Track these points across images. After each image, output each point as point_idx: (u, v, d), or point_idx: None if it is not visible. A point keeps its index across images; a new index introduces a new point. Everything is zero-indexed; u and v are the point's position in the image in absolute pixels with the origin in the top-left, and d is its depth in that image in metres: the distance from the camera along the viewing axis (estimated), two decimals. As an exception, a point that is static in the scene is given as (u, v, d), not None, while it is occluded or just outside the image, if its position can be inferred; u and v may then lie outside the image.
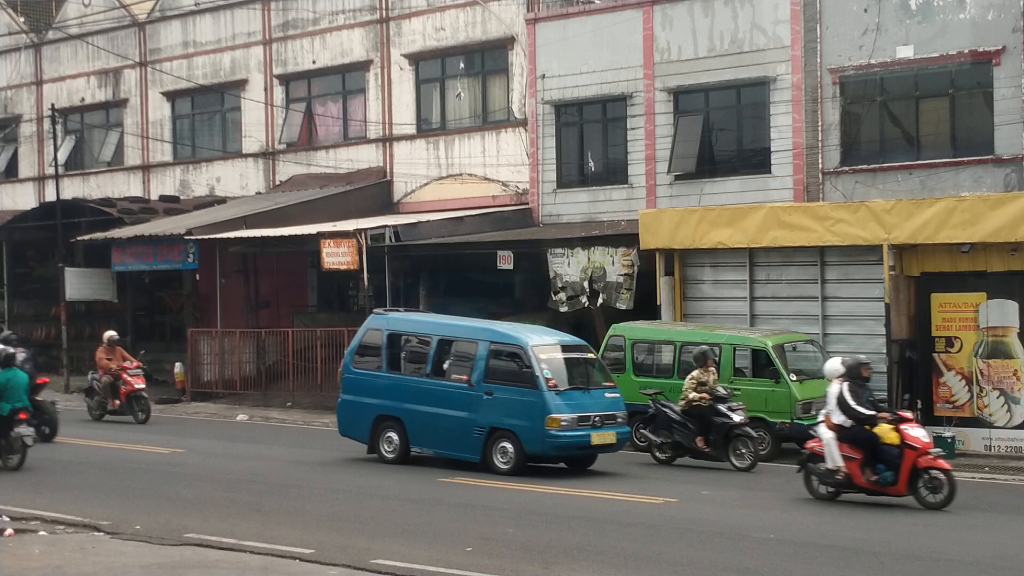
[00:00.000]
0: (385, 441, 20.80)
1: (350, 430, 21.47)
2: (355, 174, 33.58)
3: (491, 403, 19.59)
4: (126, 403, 26.98)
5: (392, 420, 20.72)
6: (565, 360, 19.82)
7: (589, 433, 19.37)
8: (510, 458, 19.35)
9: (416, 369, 20.84)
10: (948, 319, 22.42)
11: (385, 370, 20.97)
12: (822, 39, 25.93)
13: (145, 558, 13.49)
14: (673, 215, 25.26)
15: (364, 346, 21.44)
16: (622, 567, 13.15)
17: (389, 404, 20.71)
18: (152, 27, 38.59)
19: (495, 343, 19.91)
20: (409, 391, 20.56)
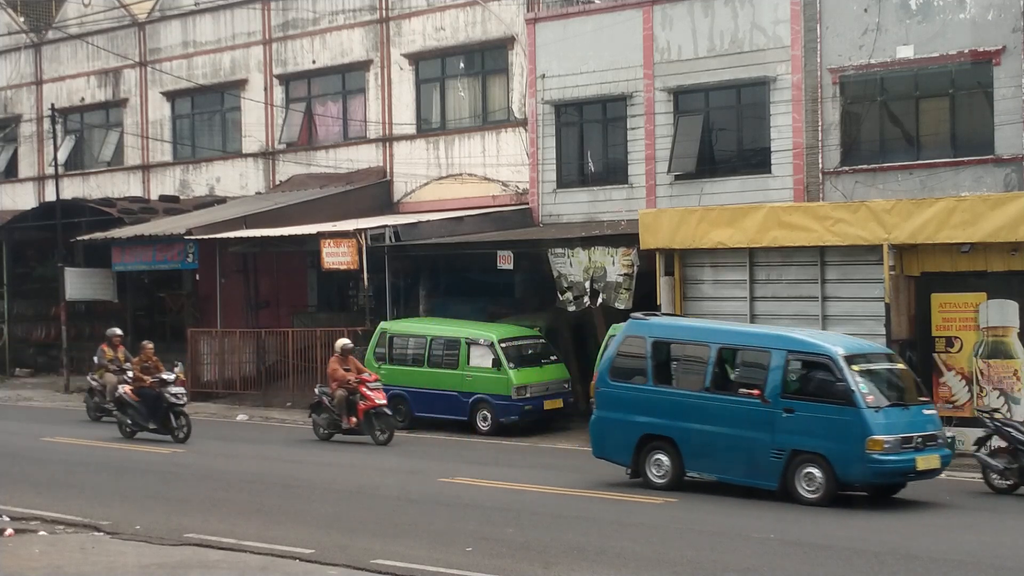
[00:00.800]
0: (653, 464, 18.34)
1: (608, 451, 19.00)
2: (355, 174, 33.58)
3: (792, 422, 17.14)
4: (365, 421, 23.43)
5: (662, 440, 18.27)
6: (876, 371, 17.62)
7: (913, 457, 16.92)
8: (818, 486, 16.93)
9: (691, 382, 18.37)
10: (948, 319, 22.40)
11: (652, 383, 18.51)
12: (822, 39, 25.92)
13: (145, 558, 13.50)
14: (673, 215, 25.25)
15: (623, 356, 18.97)
16: (622, 567, 13.16)
17: (658, 422, 18.27)
18: (152, 27, 38.59)
19: (794, 352, 17.56)
20: (683, 407, 18.15)
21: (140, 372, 24.37)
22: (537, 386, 25.35)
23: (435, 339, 26.31)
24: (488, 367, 25.28)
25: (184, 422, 23.61)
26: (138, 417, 23.93)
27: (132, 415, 24.11)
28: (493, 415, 25.15)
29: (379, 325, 27.31)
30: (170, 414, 23.56)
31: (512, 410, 25.00)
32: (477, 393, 25.38)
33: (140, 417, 23.91)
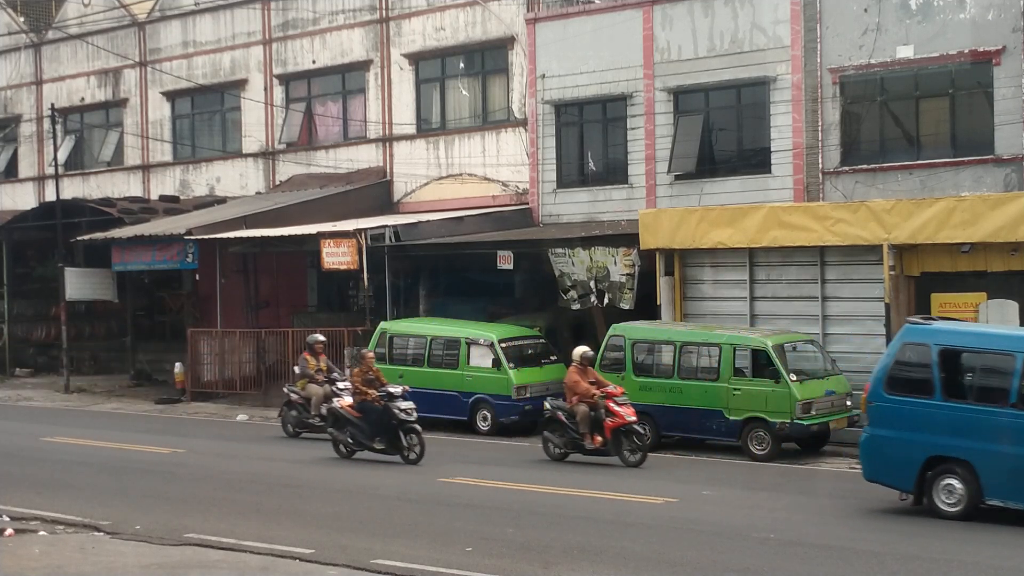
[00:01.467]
0: (942, 490, 16.21)
1: (883, 474, 16.90)
2: (355, 174, 33.58)
3: None
4: (612, 440, 20.85)
5: (954, 463, 16.22)
6: None
7: None
8: None
9: (992, 396, 16.17)
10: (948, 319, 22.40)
11: (940, 398, 16.35)
12: (822, 39, 25.93)
13: (145, 558, 13.50)
14: (673, 215, 25.26)
15: (902, 365, 16.80)
16: (622, 567, 13.16)
17: (950, 442, 16.20)
18: (152, 27, 38.59)
19: None
20: (983, 426, 16.03)
21: (362, 384, 21.39)
22: (537, 386, 25.33)
23: (435, 339, 26.30)
24: (488, 367, 25.28)
25: (416, 441, 20.84)
26: (360, 435, 21.26)
27: (353, 433, 21.37)
28: (493, 415, 25.14)
29: (379, 325, 27.30)
30: (399, 432, 20.87)
31: (512, 410, 24.99)
32: (477, 393, 25.37)
33: (363, 435, 21.24)
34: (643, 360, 23.45)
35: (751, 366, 22.23)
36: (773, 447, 21.77)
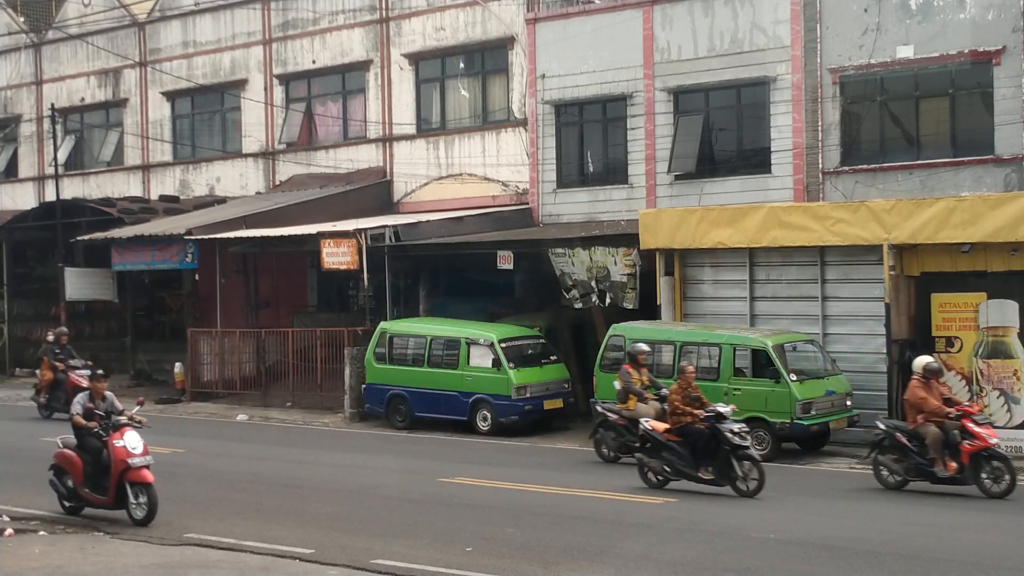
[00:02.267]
0: None
1: None
2: (355, 174, 33.58)
3: None
4: (970, 466, 17.92)
5: None
6: None
7: None
8: None
9: None
10: (948, 319, 22.42)
11: None
12: (822, 39, 25.92)
13: (145, 558, 13.50)
14: (673, 215, 25.26)
15: None
16: (622, 567, 13.16)
17: None
18: (152, 27, 38.59)
19: None
20: None
21: (682, 403, 18.46)
22: (537, 386, 25.35)
23: (435, 339, 26.31)
24: (488, 367, 25.28)
25: (752, 469, 17.77)
26: (680, 463, 18.16)
27: (670, 460, 18.28)
28: (493, 415, 25.14)
29: (379, 325, 27.31)
30: (731, 459, 17.80)
31: (512, 410, 25.00)
32: (477, 393, 25.37)
33: (683, 463, 18.14)
34: (643, 360, 23.42)
35: (751, 366, 22.23)
36: (773, 447, 21.77)
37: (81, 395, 16.69)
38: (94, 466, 15.91)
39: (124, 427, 15.92)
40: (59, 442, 16.46)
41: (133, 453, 15.63)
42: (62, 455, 16.20)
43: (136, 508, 15.66)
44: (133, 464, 15.56)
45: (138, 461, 15.62)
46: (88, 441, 16.09)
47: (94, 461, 15.91)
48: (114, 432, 15.85)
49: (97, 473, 15.85)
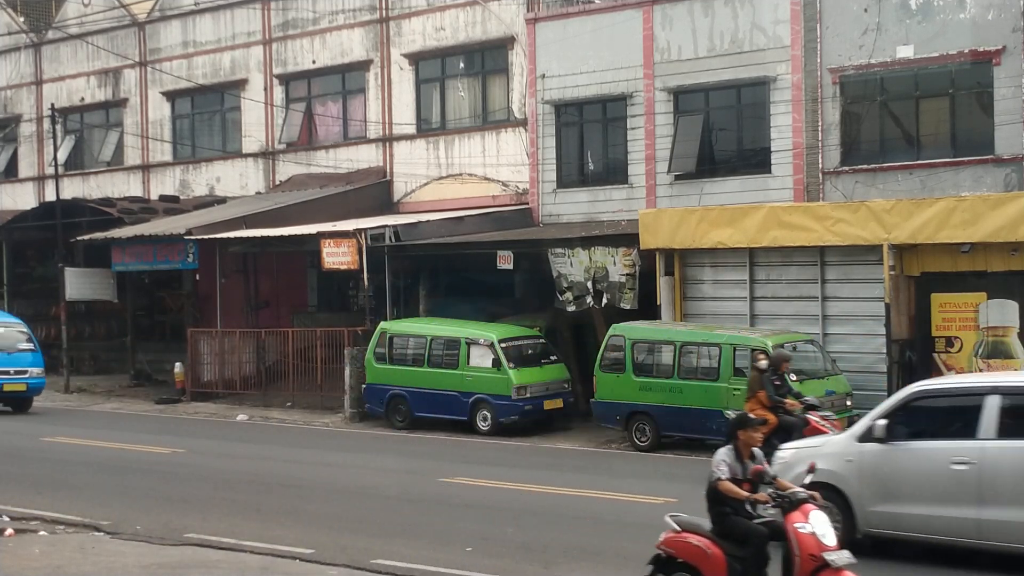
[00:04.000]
0: None
1: None
2: (355, 174, 33.58)
3: None
4: None
5: None
6: None
7: None
8: None
9: None
10: (948, 319, 22.42)
11: None
12: (822, 39, 25.92)
13: (145, 558, 13.50)
14: (673, 215, 25.26)
15: None
16: (622, 567, 13.16)
17: None
18: (152, 27, 38.59)
19: None
20: None
21: None
22: (537, 386, 25.34)
23: (435, 339, 26.31)
24: (488, 367, 25.27)
25: None
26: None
27: None
28: (493, 415, 25.14)
29: (379, 325, 27.31)
30: None
31: (512, 410, 24.99)
32: (477, 393, 25.37)
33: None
34: (643, 360, 23.45)
35: (751, 366, 22.21)
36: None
37: (722, 451, 11.36)
38: (748, 563, 10.77)
39: (805, 504, 10.79)
40: (671, 522, 11.27)
41: (826, 546, 10.54)
42: (685, 544, 10.99)
43: None
44: (832, 563, 10.48)
45: (838, 559, 10.52)
46: (736, 523, 10.97)
47: (751, 557, 10.79)
48: (792, 510, 10.75)
49: None
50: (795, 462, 13.75)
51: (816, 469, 11.78)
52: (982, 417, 12.88)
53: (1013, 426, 12.74)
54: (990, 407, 12.90)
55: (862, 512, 13.52)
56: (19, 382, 29.10)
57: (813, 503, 10.74)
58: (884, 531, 13.51)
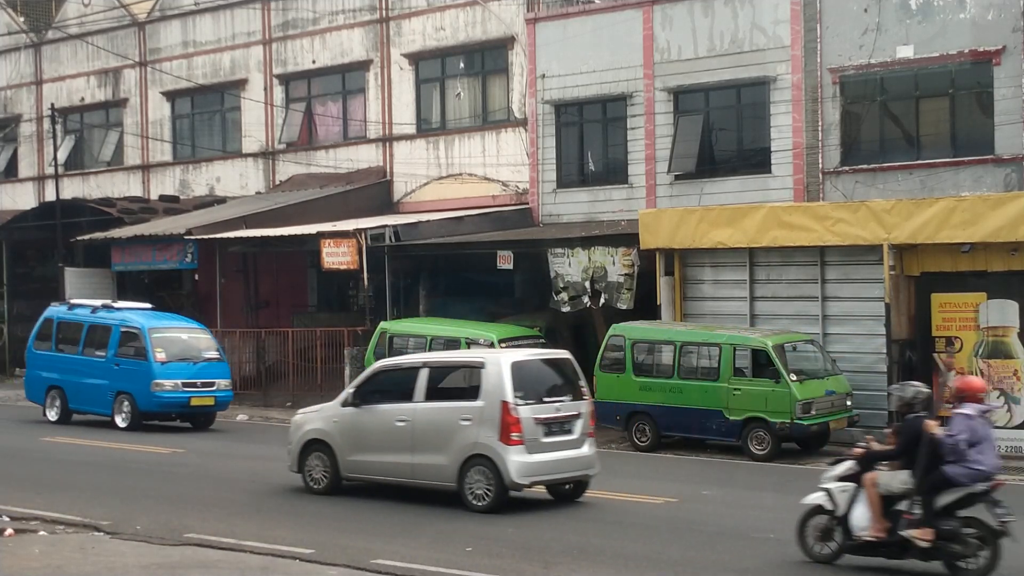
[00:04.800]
0: None
1: None
2: (355, 174, 33.58)
3: None
4: None
5: None
6: None
7: None
8: None
9: None
10: (948, 319, 22.42)
11: None
12: (822, 39, 25.92)
13: (145, 558, 13.49)
14: (673, 215, 25.26)
15: None
16: (622, 567, 13.15)
17: None
18: (152, 27, 38.60)
19: None
20: None
21: None
22: (537, 386, 25.29)
23: (435, 339, 26.26)
24: (488, 367, 25.22)
25: None
26: None
27: None
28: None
29: (379, 325, 27.29)
30: None
31: (512, 410, 24.94)
32: None
33: None
34: (643, 360, 23.45)
35: (751, 366, 22.23)
36: (773, 447, 21.78)
37: None
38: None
39: None
40: None
41: None
42: None
43: None
44: None
45: None
46: None
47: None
48: None
49: None
50: (303, 423, 17.97)
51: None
52: (416, 386, 16.94)
53: (435, 392, 16.93)
54: (421, 378, 16.98)
55: (343, 461, 17.38)
56: (207, 395, 26.25)
57: None
58: (357, 475, 17.47)
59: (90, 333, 26.92)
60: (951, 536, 12.58)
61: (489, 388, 16.29)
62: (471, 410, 16.38)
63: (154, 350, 25.85)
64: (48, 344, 27.74)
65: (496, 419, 16.12)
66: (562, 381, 17.17)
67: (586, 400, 17.19)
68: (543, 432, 16.42)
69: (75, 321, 27.38)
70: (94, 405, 26.52)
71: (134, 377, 25.85)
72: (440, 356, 19.56)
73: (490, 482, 16.17)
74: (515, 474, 16.08)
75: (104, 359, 26.38)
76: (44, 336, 28.05)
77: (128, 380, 25.92)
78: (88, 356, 26.71)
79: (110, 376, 26.20)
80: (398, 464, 16.90)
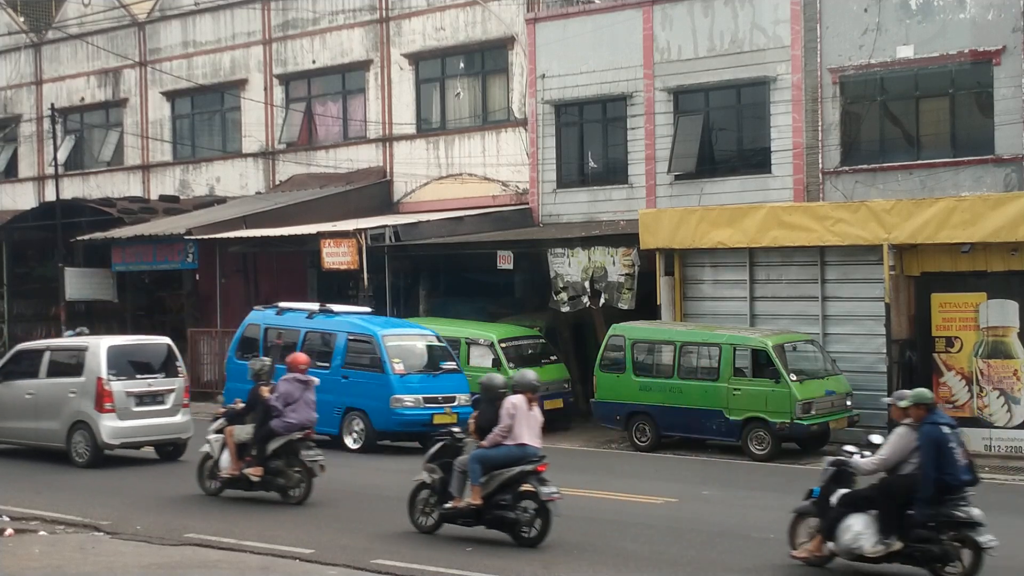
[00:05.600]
0: None
1: None
2: (355, 174, 33.57)
3: None
4: None
5: None
6: None
7: None
8: None
9: None
10: (948, 319, 22.42)
11: None
12: (822, 39, 25.92)
13: (145, 558, 13.49)
14: (673, 215, 25.26)
15: None
16: (622, 567, 13.16)
17: None
18: (152, 27, 38.58)
19: None
20: None
21: None
22: (537, 386, 25.28)
23: (435, 339, 26.23)
24: (488, 367, 25.25)
25: None
26: None
27: None
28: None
29: (379, 325, 27.26)
30: None
31: (512, 410, 24.89)
32: (477, 393, 25.28)
33: None
34: (643, 360, 23.47)
35: (751, 366, 22.24)
36: (773, 447, 21.79)
37: None
38: None
39: None
40: None
41: None
42: None
43: None
44: None
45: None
46: None
47: None
48: None
49: None
50: None
51: None
52: (40, 365, 20.99)
53: (54, 370, 20.81)
54: (45, 359, 21.05)
55: None
56: (449, 412, 22.56)
57: None
58: (3, 439, 21.56)
59: (308, 341, 23.36)
60: (277, 472, 16.89)
61: (90, 367, 20.22)
62: (76, 385, 20.36)
63: (391, 360, 22.59)
64: (254, 354, 23.31)
65: (93, 392, 20.06)
66: (159, 362, 20.89)
67: (181, 377, 20.93)
68: (135, 403, 20.30)
69: (289, 328, 24.02)
70: (320, 423, 20.41)
71: (368, 392, 22.51)
72: (59, 341, 23.31)
73: (88, 443, 20.18)
74: (107, 436, 20.11)
75: (327, 371, 22.52)
76: (247, 345, 24.53)
77: (360, 395, 22.61)
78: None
79: (336, 391, 22.44)
80: (27, 429, 21.02)
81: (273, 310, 25.10)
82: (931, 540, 12.43)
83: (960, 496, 12.42)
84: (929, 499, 12.32)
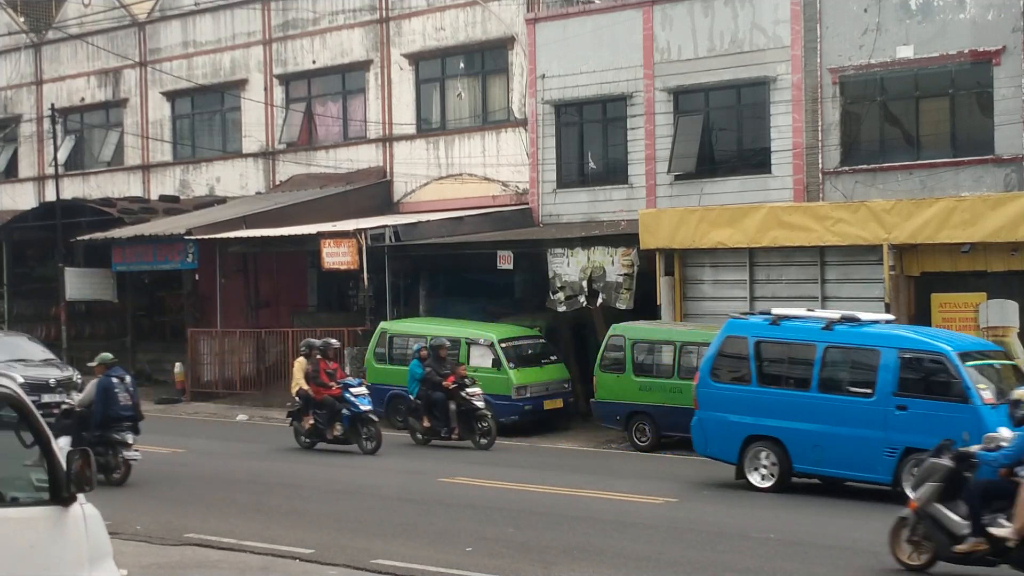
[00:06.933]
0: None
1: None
2: (355, 174, 33.58)
3: None
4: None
5: None
6: None
7: None
8: None
9: None
10: (948, 319, 22.40)
11: None
12: (822, 39, 25.92)
13: (145, 558, 13.49)
14: (673, 215, 25.27)
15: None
16: (622, 567, 13.16)
17: None
18: (152, 27, 38.59)
19: None
20: None
21: None
22: (537, 386, 25.34)
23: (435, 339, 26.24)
24: (488, 367, 25.27)
25: None
26: None
27: None
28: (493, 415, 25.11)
29: (379, 325, 27.30)
30: None
31: (512, 410, 24.98)
32: None
33: None
34: (643, 360, 23.46)
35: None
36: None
37: None
38: None
39: None
40: None
41: None
42: None
43: None
44: None
45: None
46: None
47: None
48: None
49: None
50: None
51: None
52: None
53: None
54: None
55: None
56: None
57: None
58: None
59: (829, 358, 18.09)
60: None
61: None
62: None
63: (976, 387, 16.75)
64: (736, 376, 18.99)
65: None
66: None
67: None
68: None
69: (796, 342, 18.62)
70: (853, 467, 17.71)
71: (943, 428, 15.90)
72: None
73: None
74: None
75: (870, 399, 17.49)
76: (727, 365, 19.24)
77: (926, 432, 16.33)
78: (831, 394, 17.89)
79: (885, 425, 17.31)
80: None
81: (763, 320, 19.08)
82: None
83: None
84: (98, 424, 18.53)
